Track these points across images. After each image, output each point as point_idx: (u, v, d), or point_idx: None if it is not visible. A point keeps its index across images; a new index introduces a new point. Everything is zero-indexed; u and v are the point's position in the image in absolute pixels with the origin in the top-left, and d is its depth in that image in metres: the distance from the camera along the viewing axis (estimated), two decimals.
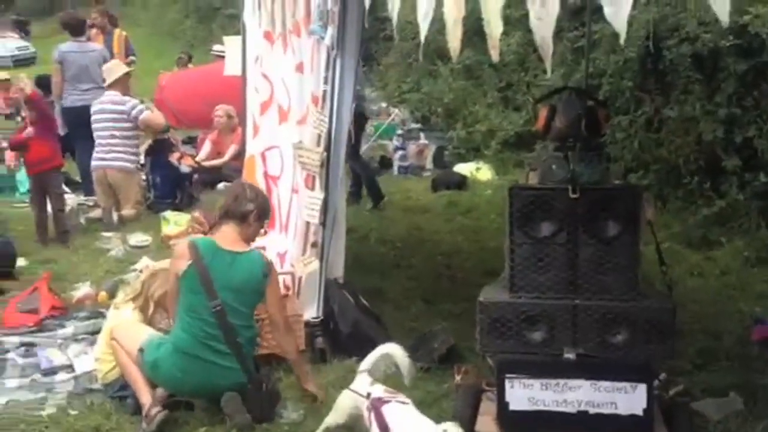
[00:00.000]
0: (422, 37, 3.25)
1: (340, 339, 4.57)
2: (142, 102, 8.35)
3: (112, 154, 7.66)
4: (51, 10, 34.77)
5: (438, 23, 3.29)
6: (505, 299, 3.44)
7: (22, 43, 27.21)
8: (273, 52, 5.41)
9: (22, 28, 30.88)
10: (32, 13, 36.99)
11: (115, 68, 8.11)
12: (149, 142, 8.55)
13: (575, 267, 3.41)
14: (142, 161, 8.72)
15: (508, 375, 3.39)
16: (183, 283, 3.91)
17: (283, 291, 4.89)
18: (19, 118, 11.63)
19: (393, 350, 3.65)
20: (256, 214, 4.03)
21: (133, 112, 7.77)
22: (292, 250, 4.90)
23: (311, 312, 4.57)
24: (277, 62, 5.33)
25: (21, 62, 23.91)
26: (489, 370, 3.77)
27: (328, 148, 4.37)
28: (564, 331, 3.38)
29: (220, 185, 8.71)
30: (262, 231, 4.36)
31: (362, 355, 3.84)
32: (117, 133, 7.71)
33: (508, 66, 9.93)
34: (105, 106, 7.77)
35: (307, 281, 4.65)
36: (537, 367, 3.39)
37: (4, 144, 9.31)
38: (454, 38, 3.20)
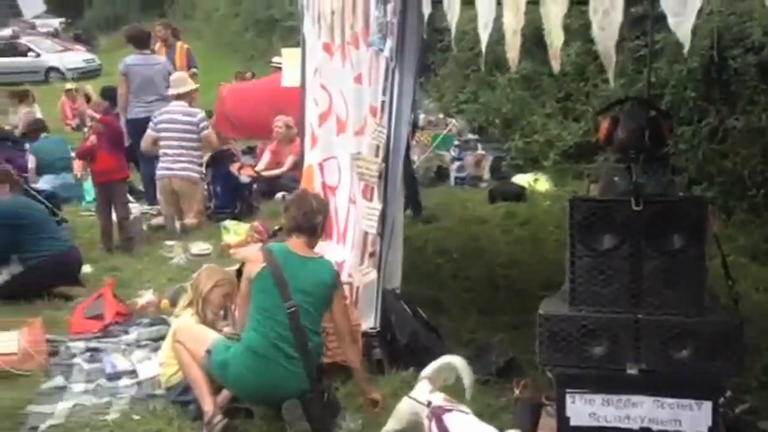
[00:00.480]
0: (483, 48, 3.24)
1: (397, 350, 4.57)
2: (210, 115, 8.49)
3: (179, 164, 7.83)
4: (117, 23, 35.75)
5: (496, 33, 3.28)
6: (565, 312, 3.39)
7: (89, 55, 28.09)
8: (332, 63, 5.47)
9: (86, 42, 31.90)
10: (99, 27, 38.18)
11: (186, 81, 8.32)
12: (211, 152, 8.72)
13: (638, 280, 3.34)
14: (204, 171, 8.89)
15: (568, 390, 3.34)
16: (256, 285, 3.99)
17: None
18: (85, 129, 12.00)
19: (456, 362, 3.65)
20: (323, 224, 4.16)
21: (201, 125, 7.96)
22: (350, 260, 4.93)
23: (369, 322, 4.58)
24: (336, 74, 5.38)
25: (87, 74, 24.67)
26: (548, 384, 3.72)
27: (386, 159, 4.39)
28: (626, 346, 3.32)
29: (279, 195, 8.83)
30: None
31: (419, 366, 3.84)
32: (185, 143, 7.89)
33: (567, 76, 9.81)
34: (176, 116, 7.92)
35: (364, 291, 4.68)
36: (598, 382, 3.33)
37: (72, 154, 9.58)
38: (512, 48, 3.18)
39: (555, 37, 3.00)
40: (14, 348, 4.82)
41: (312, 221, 4.09)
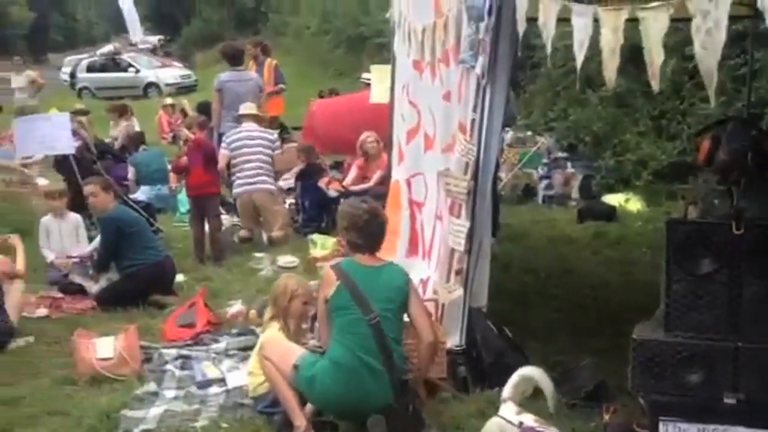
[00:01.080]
0: (578, 66, 3.20)
1: (482, 369, 4.52)
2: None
3: (258, 177, 7.99)
4: (212, 40, 36.90)
5: (589, 50, 3.23)
6: (660, 338, 3.30)
7: (185, 71, 29.10)
8: (421, 80, 5.50)
9: (183, 58, 33.11)
10: (195, 44, 39.52)
11: (254, 108, 8.58)
12: (301, 166, 8.88)
13: (738, 307, 3.22)
14: (292, 185, 9.05)
15: (662, 417, 3.24)
16: (335, 303, 4.02)
17: None
18: (181, 142, 12.41)
19: (533, 372, 3.58)
20: (380, 232, 4.16)
21: (276, 144, 8.24)
22: (435, 276, 4.92)
23: (454, 340, 4.55)
24: (425, 91, 5.40)
25: (184, 89, 25.58)
26: (640, 410, 3.61)
27: (475, 177, 4.36)
28: (724, 375, 3.20)
29: None
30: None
31: (504, 386, 3.78)
32: (264, 157, 8.08)
33: (662, 94, 9.56)
34: (254, 134, 8.13)
35: (450, 309, 4.65)
36: (694, 410, 3.22)
37: (168, 166, 9.90)
38: (610, 67, 3.13)
39: (655, 55, 2.95)
40: (111, 353, 4.99)
41: (370, 238, 4.13)
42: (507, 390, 3.59)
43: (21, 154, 7.30)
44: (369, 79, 11.41)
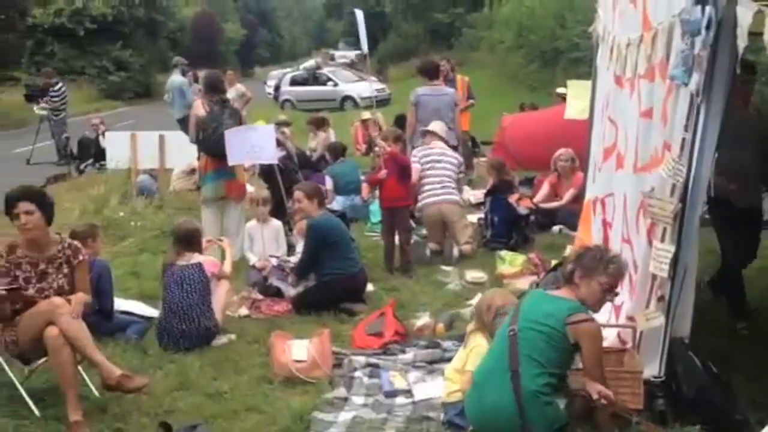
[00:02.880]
0: None
1: (683, 403, 4.24)
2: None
3: (445, 189, 8.08)
4: (407, 55, 37.84)
5: None
6: None
7: (380, 85, 30.01)
8: (621, 96, 5.29)
9: (379, 72, 34.17)
10: (390, 58, 40.72)
11: (443, 128, 8.72)
12: (492, 181, 8.84)
13: None
14: (482, 199, 9.03)
15: None
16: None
17: (619, 345, 4.73)
18: (372, 154, 12.78)
19: None
20: (574, 269, 4.17)
21: (461, 167, 8.45)
22: (630, 302, 4.70)
23: (652, 370, 4.31)
24: (624, 107, 5.19)
25: (379, 102, 26.40)
26: None
27: (683, 199, 4.11)
28: None
29: (555, 228, 8.71)
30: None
31: (706, 423, 3.53)
32: (451, 173, 8.20)
33: None
34: (445, 151, 8.33)
35: (648, 336, 4.42)
36: None
37: (362, 177, 10.20)
38: None
39: None
40: (304, 356, 5.20)
41: (565, 271, 4.24)
42: None
43: (231, 163, 7.77)
44: (564, 94, 11.18)
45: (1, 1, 25.89)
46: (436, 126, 8.60)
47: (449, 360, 4.92)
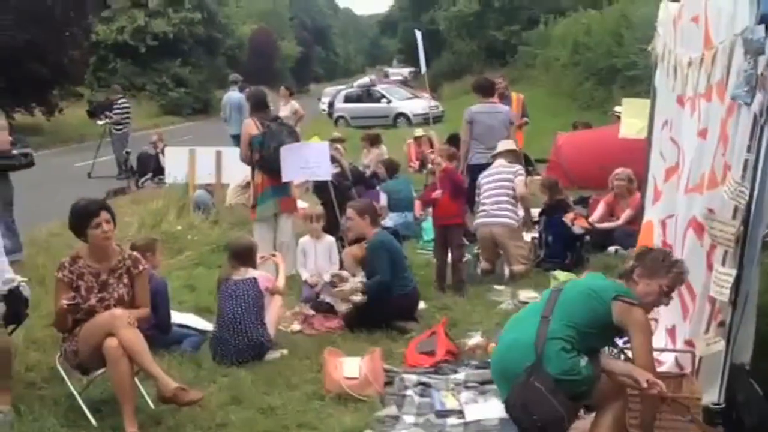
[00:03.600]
0: None
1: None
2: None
3: (500, 211, 7.94)
4: (460, 73, 37.82)
5: None
6: None
7: (433, 102, 30.03)
8: (682, 116, 5.21)
9: (433, 89, 34.14)
10: (444, 76, 40.77)
11: (513, 144, 8.64)
12: (546, 200, 8.76)
13: None
14: (536, 219, 8.94)
15: None
16: None
17: (677, 370, 4.63)
18: (424, 171, 12.80)
19: None
20: (633, 268, 4.18)
21: (518, 180, 8.09)
22: (685, 326, 4.60)
23: (711, 397, 4.20)
24: (685, 127, 5.11)
25: (433, 120, 26.43)
26: None
27: (746, 222, 4.01)
28: None
29: (611, 248, 8.57)
30: None
31: None
32: (507, 191, 8.05)
33: None
34: (499, 168, 8.22)
35: (707, 362, 4.31)
36: None
37: (415, 194, 10.21)
38: None
39: None
40: (356, 373, 5.20)
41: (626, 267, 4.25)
42: None
43: (286, 179, 7.85)
44: (620, 113, 11.03)
45: (66, 18, 26.67)
46: (505, 145, 8.54)
47: None
